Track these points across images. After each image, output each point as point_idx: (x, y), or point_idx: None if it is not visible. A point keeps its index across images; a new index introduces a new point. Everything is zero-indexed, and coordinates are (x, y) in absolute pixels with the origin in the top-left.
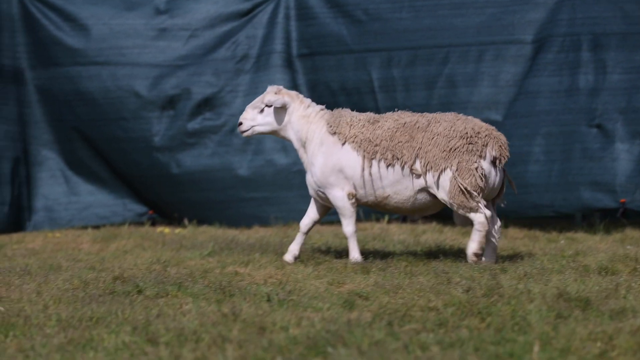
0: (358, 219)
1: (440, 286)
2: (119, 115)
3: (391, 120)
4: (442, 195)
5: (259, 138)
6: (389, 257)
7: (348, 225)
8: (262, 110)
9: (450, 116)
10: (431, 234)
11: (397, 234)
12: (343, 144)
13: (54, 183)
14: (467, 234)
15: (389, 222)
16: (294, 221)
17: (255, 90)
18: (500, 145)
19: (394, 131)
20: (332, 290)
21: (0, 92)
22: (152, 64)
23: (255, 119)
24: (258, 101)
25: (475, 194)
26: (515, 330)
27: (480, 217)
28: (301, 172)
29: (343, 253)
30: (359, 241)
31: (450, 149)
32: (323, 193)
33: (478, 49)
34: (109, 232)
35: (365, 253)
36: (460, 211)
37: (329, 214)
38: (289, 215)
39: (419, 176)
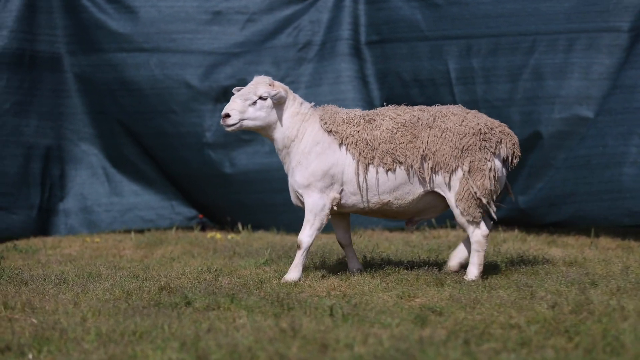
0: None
1: (522, 301)
2: (168, 107)
3: (388, 119)
4: (449, 196)
5: None
6: (465, 269)
7: (310, 236)
8: (254, 103)
9: (456, 109)
10: (512, 243)
11: None
12: (340, 144)
13: (94, 182)
14: (554, 243)
15: None
16: (360, 227)
17: (319, 81)
18: (513, 144)
19: (393, 132)
20: (402, 304)
21: (33, 80)
22: (205, 51)
23: (245, 111)
24: (249, 92)
25: (484, 200)
26: (606, 352)
27: (478, 234)
28: None
29: (415, 263)
30: (434, 250)
31: (463, 146)
32: (301, 196)
33: (568, 37)
34: (154, 237)
35: (439, 263)
36: (461, 219)
37: (397, 221)
38: (355, 220)
39: (425, 179)
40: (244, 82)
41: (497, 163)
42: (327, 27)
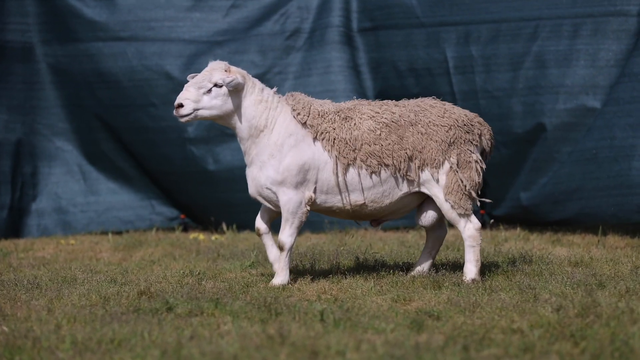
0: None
1: (525, 304)
2: (147, 100)
3: (367, 117)
4: (436, 191)
5: None
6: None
7: (291, 236)
8: (209, 91)
9: (431, 101)
10: (515, 242)
11: None
12: (314, 138)
13: (69, 180)
14: (559, 242)
15: None
16: (352, 227)
17: (308, 72)
18: (491, 134)
19: (377, 133)
20: (397, 308)
21: (1, 72)
22: (186, 39)
23: (199, 100)
24: (204, 79)
25: (473, 193)
26: (615, 357)
27: (470, 228)
28: None
29: (410, 264)
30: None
31: (450, 139)
32: (274, 193)
33: (573, 22)
34: (133, 239)
35: (436, 264)
36: (451, 214)
37: (394, 220)
38: (347, 220)
39: (411, 180)
40: None
41: (479, 156)
42: (316, 14)
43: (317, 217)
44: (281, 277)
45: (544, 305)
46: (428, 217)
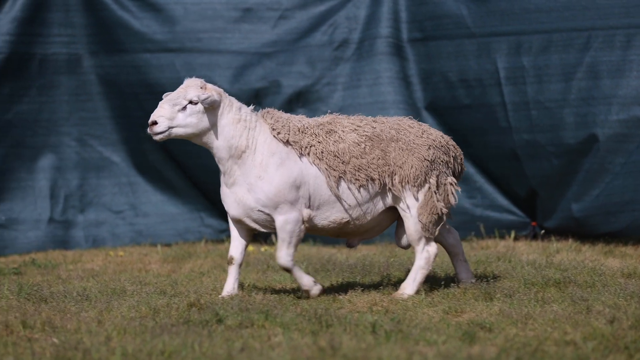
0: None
1: (578, 316)
2: None
3: (349, 130)
4: (409, 207)
5: None
6: (516, 281)
7: (290, 256)
8: (184, 108)
9: (408, 121)
10: (566, 254)
11: (526, 254)
12: (300, 154)
13: (118, 191)
14: (611, 253)
15: (516, 239)
16: None
17: (357, 83)
18: (461, 158)
19: (362, 146)
20: (449, 320)
21: (47, 84)
22: (234, 51)
23: (174, 118)
24: (178, 96)
25: (444, 217)
26: None
27: (430, 251)
28: None
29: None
30: (482, 262)
31: (431, 159)
32: (267, 215)
33: (626, 32)
34: (182, 251)
35: (488, 275)
36: (417, 235)
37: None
38: (391, 232)
39: (391, 196)
40: (276, 84)
41: (453, 178)
42: (364, 24)
43: None
44: (306, 280)
45: (597, 317)
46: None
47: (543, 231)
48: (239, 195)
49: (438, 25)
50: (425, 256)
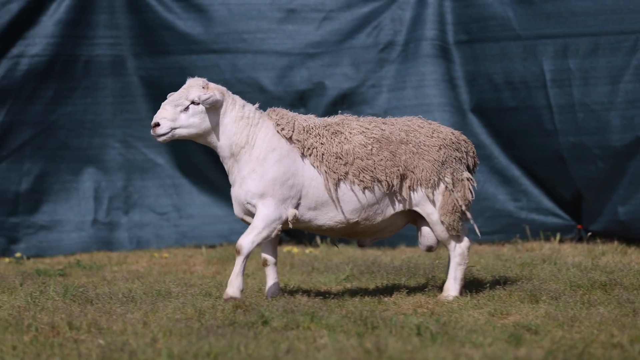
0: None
1: (624, 318)
2: None
3: (357, 132)
4: (430, 211)
5: None
6: (561, 283)
7: (252, 243)
8: (186, 109)
9: (418, 121)
10: (612, 256)
11: (572, 256)
12: (302, 154)
13: (162, 193)
14: None
15: (561, 241)
16: None
17: (402, 85)
18: (474, 152)
19: (369, 148)
20: (495, 322)
21: (91, 86)
22: (278, 52)
23: (177, 119)
24: (180, 97)
25: (467, 213)
26: None
27: (462, 247)
28: None
29: (507, 278)
30: (527, 264)
31: (442, 159)
32: (254, 207)
33: None
34: (226, 252)
35: (533, 278)
36: (444, 235)
37: (489, 234)
38: None
39: (403, 199)
40: (321, 86)
41: (468, 173)
42: (410, 26)
43: (411, 231)
44: (233, 286)
45: None
46: (433, 237)
47: (590, 234)
48: (235, 193)
49: (484, 28)
50: (459, 252)
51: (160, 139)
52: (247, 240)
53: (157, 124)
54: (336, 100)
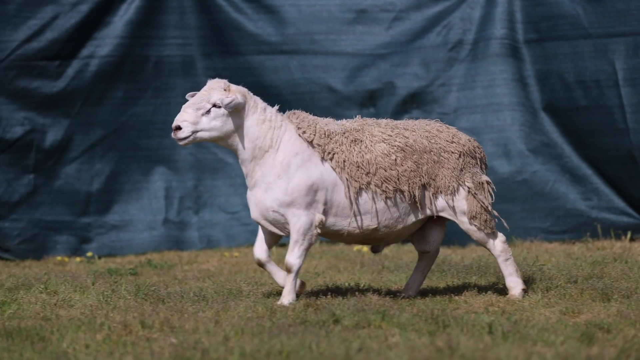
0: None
1: None
2: (310, 113)
3: (379, 139)
4: (460, 218)
5: (477, 140)
6: (633, 282)
7: (299, 257)
8: (208, 112)
9: (436, 124)
10: None
11: None
12: (322, 158)
13: (233, 193)
14: None
15: (632, 240)
16: (518, 239)
17: (472, 84)
18: (484, 156)
19: (392, 157)
20: (566, 320)
21: (161, 86)
22: (348, 52)
23: (198, 122)
24: (202, 100)
25: (492, 211)
26: None
27: (499, 243)
28: (527, 183)
29: (578, 276)
30: (598, 263)
31: (461, 166)
32: (282, 216)
33: None
34: None
35: (604, 276)
36: (479, 235)
37: (560, 232)
38: (512, 232)
39: (427, 207)
40: (390, 86)
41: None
42: (479, 25)
43: None
44: (288, 298)
45: None
46: (434, 242)
47: None
48: (257, 197)
49: (554, 26)
50: (500, 249)
51: (181, 142)
52: (293, 257)
53: (179, 127)
54: (406, 100)
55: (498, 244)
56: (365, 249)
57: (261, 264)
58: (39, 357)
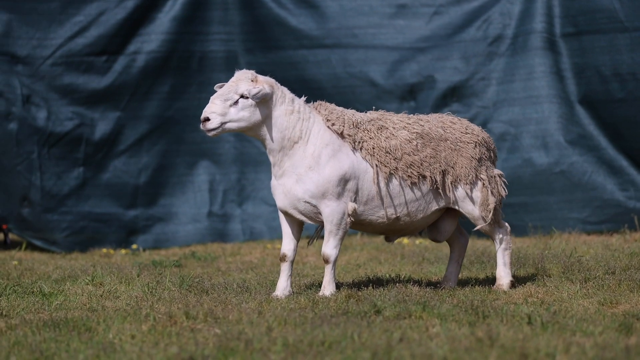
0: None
1: None
2: (351, 106)
3: (400, 127)
4: (471, 209)
5: (516, 132)
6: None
7: (335, 247)
8: (235, 103)
9: (449, 117)
10: None
11: None
12: (353, 148)
13: None
14: None
15: None
16: (557, 230)
17: (511, 77)
18: (495, 148)
19: (414, 143)
20: (605, 311)
21: (205, 81)
22: (389, 46)
23: (226, 113)
24: (230, 91)
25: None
26: None
27: (504, 232)
28: (565, 174)
29: (616, 267)
30: (635, 254)
31: (478, 156)
32: (314, 206)
33: None
34: None
35: (635, 266)
36: (488, 228)
37: (597, 223)
38: (551, 224)
39: (445, 195)
40: (431, 80)
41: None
42: (518, 20)
43: (520, 221)
44: (329, 289)
45: None
46: (446, 232)
47: None
48: (287, 187)
49: (591, 20)
50: (504, 239)
51: (210, 133)
52: (330, 247)
53: (207, 119)
54: (446, 93)
55: (503, 233)
56: (406, 240)
57: (285, 260)
58: (86, 347)
